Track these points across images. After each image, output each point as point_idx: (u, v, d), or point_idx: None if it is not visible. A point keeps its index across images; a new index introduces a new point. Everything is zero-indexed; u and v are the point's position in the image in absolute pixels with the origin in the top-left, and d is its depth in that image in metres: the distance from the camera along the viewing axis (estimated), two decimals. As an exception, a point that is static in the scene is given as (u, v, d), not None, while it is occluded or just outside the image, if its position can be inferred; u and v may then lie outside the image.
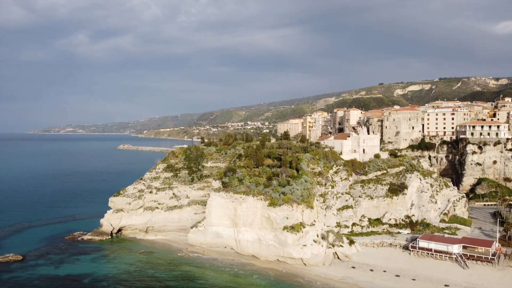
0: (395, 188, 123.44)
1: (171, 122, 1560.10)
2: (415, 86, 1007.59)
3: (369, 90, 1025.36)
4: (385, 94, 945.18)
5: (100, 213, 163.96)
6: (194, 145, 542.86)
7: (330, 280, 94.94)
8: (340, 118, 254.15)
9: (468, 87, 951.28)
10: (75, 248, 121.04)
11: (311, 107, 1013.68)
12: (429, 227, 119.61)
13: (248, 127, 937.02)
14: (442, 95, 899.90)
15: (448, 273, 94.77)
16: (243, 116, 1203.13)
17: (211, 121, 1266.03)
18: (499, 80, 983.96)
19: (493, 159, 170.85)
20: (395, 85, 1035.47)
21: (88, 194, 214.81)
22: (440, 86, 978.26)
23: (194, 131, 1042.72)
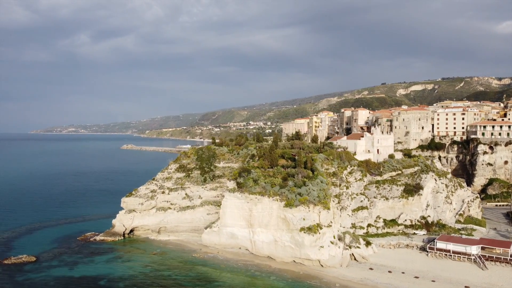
0: (410, 189, 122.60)
1: (173, 122, 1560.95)
2: (418, 86, 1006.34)
3: (371, 90, 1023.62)
4: (387, 94, 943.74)
5: (110, 213, 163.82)
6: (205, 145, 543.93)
7: (349, 282, 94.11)
8: (348, 118, 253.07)
9: (471, 87, 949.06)
10: (88, 249, 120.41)
11: (314, 107, 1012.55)
12: (445, 228, 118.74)
13: (251, 127, 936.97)
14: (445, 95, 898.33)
15: (467, 275, 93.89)
16: (245, 116, 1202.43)
17: (213, 121, 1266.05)
18: (501, 80, 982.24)
19: (505, 159, 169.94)
20: (398, 85, 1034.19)
21: (96, 194, 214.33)
22: (443, 86, 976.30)
23: (196, 131, 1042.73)
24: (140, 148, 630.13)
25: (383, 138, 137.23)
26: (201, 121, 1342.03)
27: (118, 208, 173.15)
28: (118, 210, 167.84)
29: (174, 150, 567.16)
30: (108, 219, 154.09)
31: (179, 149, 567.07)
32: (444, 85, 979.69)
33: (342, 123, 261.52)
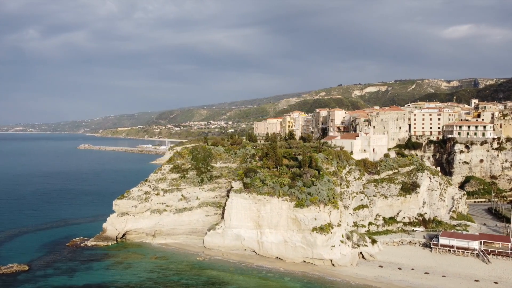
0: (407, 187, 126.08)
1: (128, 121, 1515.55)
2: (372, 87, 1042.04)
3: (328, 91, 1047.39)
4: (343, 95, 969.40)
5: (94, 216, 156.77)
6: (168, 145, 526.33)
7: (363, 280, 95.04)
8: (323, 118, 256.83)
9: (422, 88, 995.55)
10: (82, 255, 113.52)
11: (274, 107, 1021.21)
12: (441, 224, 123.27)
13: (212, 126, 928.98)
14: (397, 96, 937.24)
15: (474, 269, 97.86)
16: (205, 115, 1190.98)
17: (171, 120, 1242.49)
18: (450, 82, 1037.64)
19: (480, 158, 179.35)
20: (353, 86, 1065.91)
21: (71, 196, 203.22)
22: (396, 87, 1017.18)
23: (154, 131, 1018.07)
24: (98, 148, 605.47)
25: (378, 138, 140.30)
26: (158, 120, 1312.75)
27: (100, 210, 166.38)
28: (101, 212, 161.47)
29: (135, 150, 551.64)
30: (94, 223, 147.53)
31: (141, 149, 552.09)
32: (397, 87, 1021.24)
33: (317, 123, 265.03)
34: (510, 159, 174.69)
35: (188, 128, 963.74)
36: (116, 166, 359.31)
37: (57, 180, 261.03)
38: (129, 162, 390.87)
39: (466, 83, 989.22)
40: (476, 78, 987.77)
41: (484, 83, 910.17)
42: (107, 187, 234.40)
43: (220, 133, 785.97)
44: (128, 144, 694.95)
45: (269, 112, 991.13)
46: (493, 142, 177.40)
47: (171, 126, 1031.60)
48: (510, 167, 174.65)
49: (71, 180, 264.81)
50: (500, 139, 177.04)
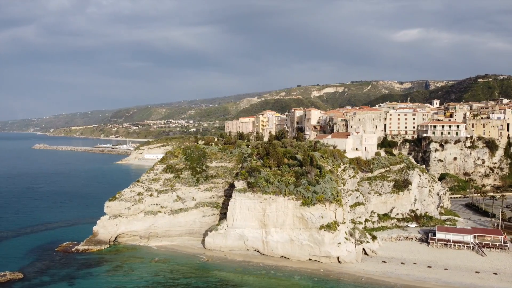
0: (400, 184, 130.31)
1: (81, 120, 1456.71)
2: (330, 88, 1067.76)
3: (288, 92, 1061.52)
4: (303, 95, 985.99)
5: (75, 219, 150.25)
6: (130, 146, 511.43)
7: (372, 275, 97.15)
8: (299, 118, 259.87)
9: (377, 90, 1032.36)
10: (76, 261, 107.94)
11: (235, 106, 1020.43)
12: (432, 219, 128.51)
13: (172, 125, 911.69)
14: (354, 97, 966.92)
15: (472, 261, 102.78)
16: (163, 113, 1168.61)
17: (127, 119, 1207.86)
18: (403, 83, 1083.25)
19: (454, 155, 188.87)
20: (312, 87, 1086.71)
21: (46, 198, 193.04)
22: (352, 88, 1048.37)
23: (111, 129, 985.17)
24: (55, 148, 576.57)
25: (369, 137, 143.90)
26: (113, 118, 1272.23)
27: (81, 212, 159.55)
28: (82, 215, 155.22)
29: (96, 150, 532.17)
30: (78, 226, 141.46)
31: (101, 149, 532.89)
32: (354, 88, 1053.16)
33: (292, 122, 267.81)
34: (482, 157, 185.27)
35: (147, 127, 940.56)
36: (81, 166, 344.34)
37: (24, 182, 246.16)
38: (94, 162, 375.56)
39: (418, 84, 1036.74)
40: (427, 80, 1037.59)
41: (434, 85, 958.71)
42: (80, 188, 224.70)
43: (182, 132, 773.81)
44: (83, 143, 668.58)
45: (231, 111, 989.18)
46: (466, 141, 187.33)
47: (128, 125, 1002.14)
48: (482, 164, 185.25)
49: (39, 181, 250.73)
50: (472, 138, 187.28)
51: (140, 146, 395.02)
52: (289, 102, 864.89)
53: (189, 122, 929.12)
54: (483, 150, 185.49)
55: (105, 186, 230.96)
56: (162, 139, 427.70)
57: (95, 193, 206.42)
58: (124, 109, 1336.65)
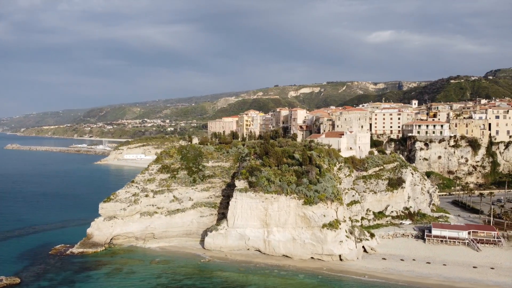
0: (393, 183, 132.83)
1: (52, 119, 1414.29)
2: (306, 88, 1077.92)
3: (266, 92, 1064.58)
4: (280, 95, 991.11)
5: (64, 221, 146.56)
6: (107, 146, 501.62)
7: (374, 272, 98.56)
8: (284, 117, 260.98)
9: (352, 90, 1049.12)
10: (72, 264, 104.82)
11: (212, 105, 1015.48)
12: (425, 217, 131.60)
13: (148, 124, 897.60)
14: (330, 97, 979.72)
15: (468, 257, 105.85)
16: (138, 113, 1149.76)
17: (100, 118, 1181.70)
18: (377, 84, 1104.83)
19: (438, 154, 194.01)
20: (289, 87, 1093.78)
21: (29, 199, 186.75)
22: (328, 89, 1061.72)
23: (85, 129, 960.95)
24: (29, 148, 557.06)
25: (362, 136, 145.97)
26: (86, 117, 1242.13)
27: (68, 214, 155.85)
28: (70, 216, 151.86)
29: (71, 150, 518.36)
30: (68, 228, 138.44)
31: (78, 149, 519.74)
32: (329, 88, 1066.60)
33: (278, 122, 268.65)
34: (465, 156, 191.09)
35: (122, 126, 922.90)
36: (60, 167, 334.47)
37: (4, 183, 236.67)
38: (72, 163, 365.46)
39: (391, 85, 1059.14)
40: (400, 81, 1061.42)
41: (407, 86, 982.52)
42: (64, 189, 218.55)
43: (159, 132, 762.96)
44: (56, 143, 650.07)
45: (208, 111, 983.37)
46: (450, 140, 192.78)
47: (102, 125, 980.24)
48: (465, 162, 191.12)
49: (20, 182, 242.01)
50: (456, 137, 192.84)
51: (120, 146, 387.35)
52: (267, 102, 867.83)
53: (166, 122, 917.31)
54: (466, 149, 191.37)
55: (88, 187, 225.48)
56: (142, 138, 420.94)
57: (80, 194, 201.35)
58: (97, 108, 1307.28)
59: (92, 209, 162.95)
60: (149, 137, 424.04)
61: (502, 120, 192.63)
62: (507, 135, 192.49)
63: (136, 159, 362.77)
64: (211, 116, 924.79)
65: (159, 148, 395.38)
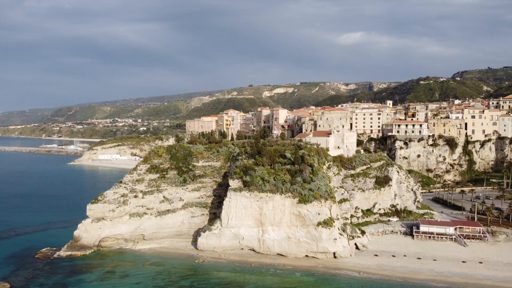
0: (381, 181, 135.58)
1: (18, 119, 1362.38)
2: (280, 88, 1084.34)
3: (240, 91, 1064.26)
4: (255, 95, 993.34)
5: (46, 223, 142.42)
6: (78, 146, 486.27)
7: (368, 269, 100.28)
8: (266, 117, 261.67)
9: (325, 91, 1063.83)
10: (62, 268, 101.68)
11: (186, 105, 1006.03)
12: (412, 214, 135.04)
13: (119, 124, 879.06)
14: (303, 98, 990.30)
15: (456, 252, 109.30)
16: (108, 112, 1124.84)
17: (69, 117, 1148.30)
18: (348, 85, 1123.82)
19: (417, 153, 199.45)
20: (263, 87, 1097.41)
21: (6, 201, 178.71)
22: (301, 89, 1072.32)
23: (53, 129, 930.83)
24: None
25: (349, 135, 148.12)
26: (54, 117, 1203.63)
27: (50, 216, 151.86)
28: (51, 219, 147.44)
29: (42, 150, 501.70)
30: (52, 230, 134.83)
31: (48, 149, 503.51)
32: (303, 89, 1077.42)
33: (259, 121, 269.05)
34: (443, 154, 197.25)
35: (92, 126, 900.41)
36: (33, 167, 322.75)
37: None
38: (44, 163, 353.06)
39: (362, 86, 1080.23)
40: (370, 82, 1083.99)
41: (377, 86, 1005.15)
42: (41, 190, 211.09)
43: (131, 131, 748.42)
44: (24, 143, 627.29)
45: (182, 110, 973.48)
46: (428, 139, 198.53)
47: (72, 124, 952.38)
48: (443, 161, 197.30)
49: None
50: (434, 136, 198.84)
51: (94, 146, 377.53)
52: (241, 101, 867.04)
53: (138, 121, 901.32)
54: (444, 147, 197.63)
55: (66, 188, 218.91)
56: (117, 138, 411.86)
57: (59, 195, 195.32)
58: (66, 108, 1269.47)
59: (73, 210, 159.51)
60: (124, 137, 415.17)
61: (478, 120, 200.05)
62: (482, 134, 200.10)
63: (111, 159, 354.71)
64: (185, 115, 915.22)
65: (135, 148, 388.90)
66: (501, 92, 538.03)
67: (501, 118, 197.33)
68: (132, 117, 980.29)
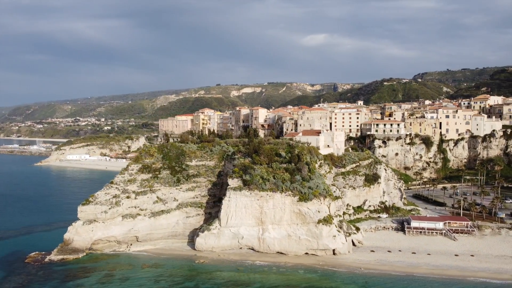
0: (370, 178, 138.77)
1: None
2: (248, 88, 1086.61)
3: (208, 90, 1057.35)
4: (223, 94, 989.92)
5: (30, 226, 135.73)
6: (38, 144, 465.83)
7: (368, 264, 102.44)
8: (245, 116, 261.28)
9: (292, 91, 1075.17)
10: (56, 272, 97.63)
11: (151, 103, 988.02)
12: (400, 210, 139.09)
13: (82, 123, 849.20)
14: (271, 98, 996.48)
15: (447, 246, 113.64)
16: (69, 111, 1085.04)
17: (28, 116, 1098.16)
18: (314, 86, 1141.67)
19: (395, 151, 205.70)
20: (231, 86, 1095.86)
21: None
22: (269, 89, 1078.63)
23: (12, 128, 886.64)
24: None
25: (338, 134, 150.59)
26: (11, 116, 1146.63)
27: (31, 219, 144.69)
28: (34, 221, 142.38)
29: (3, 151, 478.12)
30: (36, 234, 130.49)
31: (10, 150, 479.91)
32: (270, 89, 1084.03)
33: (237, 120, 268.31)
34: (419, 152, 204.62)
35: (53, 125, 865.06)
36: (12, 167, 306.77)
37: None
38: (9, 164, 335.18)
39: (327, 87, 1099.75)
40: (335, 83, 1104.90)
41: (342, 87, 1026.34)
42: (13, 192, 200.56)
43: (94, 131, 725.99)
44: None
45: (147, 109, 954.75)
46: (405, 138, 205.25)
47: (31, 123, 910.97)
48: (420, 159, 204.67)
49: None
50: (411, 135, 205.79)
51: (62, 146, 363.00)
52: (209, 100, 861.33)
53: (101, 120, 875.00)
54: (421, 146, 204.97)
55: (39, 190, 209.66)
56: (86, 138, 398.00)
57: (33, 197, 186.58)
58: (24, 106, 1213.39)
59: (52, 212, 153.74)
60: (93, 137, 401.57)
61: (452, 119, 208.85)
62: (456, 133, 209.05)
63: (80, 160, 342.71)
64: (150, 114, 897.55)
65: (104, 148, 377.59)
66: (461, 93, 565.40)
67: (473, 118, 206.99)
68: (94, 116, 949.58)
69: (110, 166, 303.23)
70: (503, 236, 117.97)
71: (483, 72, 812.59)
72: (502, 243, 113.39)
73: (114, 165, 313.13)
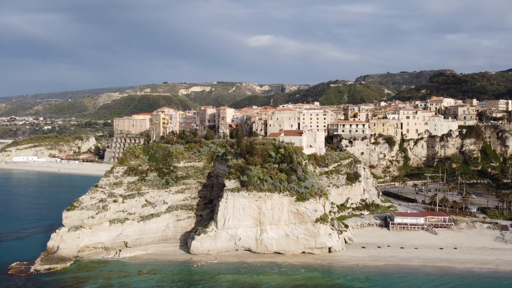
0: (351, 177, 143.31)
1: None
2: (197, 87, 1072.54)
3: (154, 88, 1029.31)
4: (170, 92, 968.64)
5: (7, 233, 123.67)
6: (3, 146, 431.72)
7: (363, 260, 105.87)
8: (210, 116, 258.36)
9: (241, 91, 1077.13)
10: (47, 283, 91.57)
11: (93, 101, 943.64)
12: (379, 207, 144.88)
13: (19, 122, 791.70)
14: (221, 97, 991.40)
15: (431, 240, 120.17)
16: (4, 109, 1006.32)
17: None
18: (262, 86, 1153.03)
19: (361, 150, 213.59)
20: (179, 85, 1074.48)
21: None
22: (219, 88, 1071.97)
23: None
24: None
25: (319, 134, 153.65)
26: None
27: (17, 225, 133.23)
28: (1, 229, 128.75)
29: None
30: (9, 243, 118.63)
31: None
32: (220, 88, 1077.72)
33: (203, 120, 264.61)
34: (383, 151, 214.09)
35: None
36: None
37: None
38: None
39: (276, 87, 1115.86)
40: (283, 84, 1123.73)
41: (289, 88, 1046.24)
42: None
43: (34, 131, 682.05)
44: None
45: (89, 107, 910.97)
46: (370, 137, 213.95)
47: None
48: (384, 158, 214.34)
49: None
50: (375, 135, 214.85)
51: (6, 148, 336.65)
52: (157, 99, 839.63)
53: (39, 119, 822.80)
54: (384, 145, 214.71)
55: None
56: (33, 138, 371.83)
57: None
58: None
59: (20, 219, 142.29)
60: (40, 137, 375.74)
61: (412, 120, 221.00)
62: (415, 133, 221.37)
63: (28, 161, 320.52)
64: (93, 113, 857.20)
65: (53, 149, 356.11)
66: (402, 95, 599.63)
67: (431, 118, 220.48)
68: (32, 115, 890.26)
69: (63, 168, 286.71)
70: (478, 229, 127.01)
71: (420, 75, 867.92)
72: (479, 235, 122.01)
73: (67, 167, 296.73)
